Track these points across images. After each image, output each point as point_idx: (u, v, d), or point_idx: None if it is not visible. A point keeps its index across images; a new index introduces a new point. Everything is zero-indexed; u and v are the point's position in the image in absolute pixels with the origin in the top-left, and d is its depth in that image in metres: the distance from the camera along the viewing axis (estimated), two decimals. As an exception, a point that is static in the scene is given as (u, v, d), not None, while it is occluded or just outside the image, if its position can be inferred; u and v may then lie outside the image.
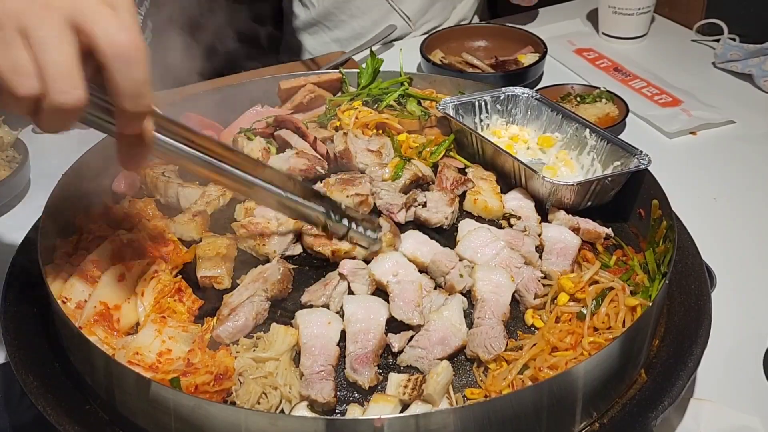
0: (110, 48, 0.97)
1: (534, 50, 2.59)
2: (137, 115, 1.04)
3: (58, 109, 0.96)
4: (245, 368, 1.27)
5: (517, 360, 1.29)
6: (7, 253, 1.54)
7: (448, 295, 1.43)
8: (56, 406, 1.23)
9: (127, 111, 1.02)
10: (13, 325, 1.38)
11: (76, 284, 1.41)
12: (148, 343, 1.30)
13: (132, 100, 1.01)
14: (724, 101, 2.37)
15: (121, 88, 0.99)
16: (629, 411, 1.25)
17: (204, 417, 1.11)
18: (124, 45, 0.97)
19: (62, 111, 0.97)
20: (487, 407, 1.13)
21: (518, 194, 1.69)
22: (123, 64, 0.98)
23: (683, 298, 1.44)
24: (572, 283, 1.43)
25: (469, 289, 1.44)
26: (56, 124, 1.00)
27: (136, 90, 1.00)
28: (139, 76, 1.00)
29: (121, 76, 0.98)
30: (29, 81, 0.95)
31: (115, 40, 0.97)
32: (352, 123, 1.90)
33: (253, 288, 1.40)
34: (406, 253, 1.51)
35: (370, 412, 1.19)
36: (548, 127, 1.86)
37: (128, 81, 0.99)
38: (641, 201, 1.62)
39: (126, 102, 1.01)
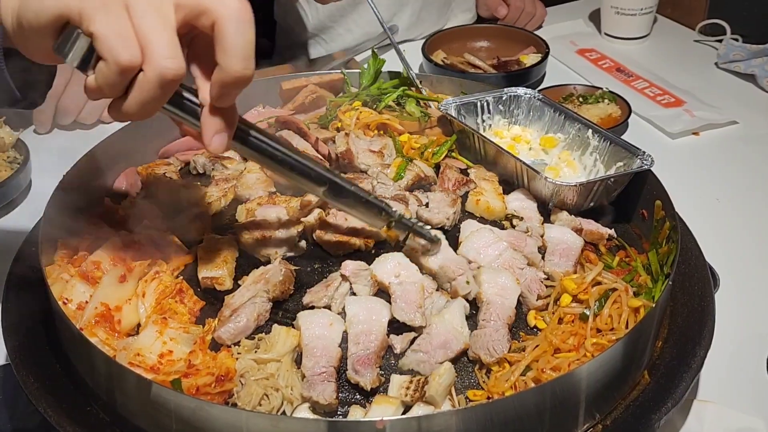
0: (223, 8, 1.00)
1: (536, 51, 2.58)
2: (242, 80, 1.05)
3: (158, 77, 0.98)
4: (246, 369, 1.26)
5: (520, 361, 1.28)
6: (8, 254, 1.53)
7: (450, 297, 1.42)
8: (57, 408, 1.23)
9: (236, 73, 1.03)
10: (14, 326, 1.37)
11: (77, 285, 1.41)
12: (149, 344, 1.30)
13: (243, 62, 1.02)
14: (727, 102, 2.37)
15: (234, 48, 1.01)
16: (632, 413, 1.24)
17: (205, 419, 1.11)
18: (237, 5, 1.01)
19: (161, 81, 0.99)
20: (489, 409, 1.12)
21: (521, 195, 1.69)
22: (237, 22, 1.00)
23: (686, 300, 1.44)
24: (575, 284, 1.42)
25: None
26: (147, 101, 1.01)
27: (247, 49, 1.02)
28: (251, 37, 1.02)
29: (235, 35, 1.01)
30: (132, 47, 0.97)
31: (228, 1, 1.01)
32: (353, 124, 1.90)
33: (255, 289, 1.39)
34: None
35: (372, 414, 1.19)
36: (551, 128, 1.86)
37: (242, 39, 1.01)
38: (644, 202, 1.61)
39: (237, 63, 1.02)
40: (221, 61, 1.03)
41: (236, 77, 1.04)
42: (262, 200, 1.65)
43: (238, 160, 1.82)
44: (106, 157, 1.72)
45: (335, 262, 1.52)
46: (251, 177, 1.70)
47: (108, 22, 0.97)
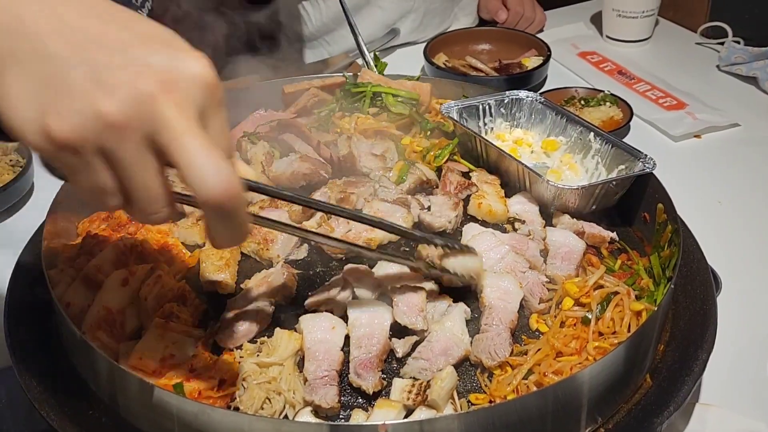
0: (204, 198, 0.85)
1: (538, 53, 2.58)
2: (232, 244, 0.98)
3: (145, 221, 0.97)
4: (249, 373, 1.26)
5: (522, 365, 1.29)
6: (11, 257, 1.53)
7: (452, 302, 1.42)
8: (59, 412, 1.23)
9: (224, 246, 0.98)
10: (17, 329, 1.37)
11: (80, 289, 1.41)
12: (152, 347, 1.29)
13: (230, 244, 0.97)
14: (729, 104, 2.37)
15: (217, 234, 0.93)
16: (635, 416, 1.24)
17: (207, 422, 1.11)
18: (218, 195, 0.85)
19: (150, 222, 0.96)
20: (491, 413, 1.12)
21: (522, 198, 1.69)
22: (219, 216, 0.89)
23: (688, 303, 1.44)
24: (577, 288, 1.42)
25: (475, 293, 1.43)
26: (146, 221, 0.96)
27: (233, 238, 0.94)
28: (236, 225, 0.91)
29: (218, 228, 0.92)
30: (114, 199, 0.89)
31: (208, 190, 0.84)
32: (353, 128, 1.90)
33: (257, 293, 1.40)
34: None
35: (374, 418, 1.19)
36: (552, 131, 1.86)
37: (224, 231, 0.92)
38: (646, 205, 1.61)
39: (224, 244, 0.96)
40: (210, 240, 0.96)
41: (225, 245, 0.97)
42: (265, 204, 1.65)
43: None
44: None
45: (337, 266, 1.52)
46: (253, 180, 1.70)
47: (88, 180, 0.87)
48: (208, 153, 0.84)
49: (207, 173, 0.84)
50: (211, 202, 0.85)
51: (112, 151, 0.84)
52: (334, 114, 1.97)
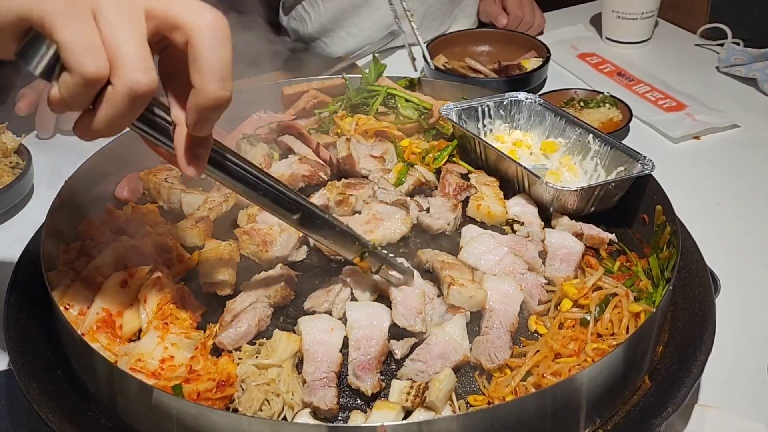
0: (198, 22, 0.93)
1: (537, 55, 2.59)
2: (220, 102, 0.97)
3: (128, 91, 0.91)
4: (248, 375, 1.27)
5: (521, 367, 1.29)
6: (10, 259, 1.54)
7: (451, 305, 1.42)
8: (58, 413, 1.23)
9: (212, 95, 0.95)
10: (16, 331, 1.38)
11: (79, 291, 1.41)
12: (151, 349, 1.30)
13: (219, 82, 0.95)
14: (728, 106, 2.37)
15: (209, 67, 0.94)
16: (633, 417, 1.25)
17: (206, 424, 1.11)
18: (213, 19, 0.93)
19: (133, 96, 0.91)
20: (490, 414, 1.12)
21: (521, 200, 1.69)
22: (213, 39, 0.93)
23: (687, 304, 1.44)
24: (576, 289, 1.42)
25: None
26: (116, 117, 0.94)
27: (224, 69, 0.95)
28: (228, 56, 0.95)
29: (211, 54, 0.93)
30: (98, 58, 0.89)
31: (203, 16, 0.93)
32: (353, 129, 1.90)
33: (256, 294, 1.40)
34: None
35: (373, 419, 1.19)
36: (551, 133, 1.86)
37: (218, 58, 0.94)
38: (645, 206, 1.62)
39: (212, 83, 0.94)
40: (197, 83, 0.95)
41: (213, 99, 0.96)
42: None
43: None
44: (107, 163, 1.73)
45: (336, 268, 1.52)
46: (253, 182, 1.70)
47: (73, 30, 0.89)
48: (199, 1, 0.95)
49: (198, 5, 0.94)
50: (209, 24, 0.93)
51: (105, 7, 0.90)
52: (336, 114, 1.97)
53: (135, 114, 0.96)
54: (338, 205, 1.64)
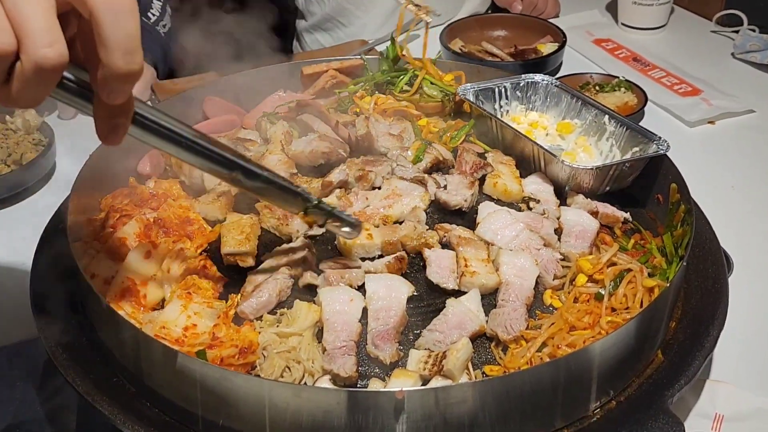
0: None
1: (553, 40, 2.60)
2: (127, 76, 0.93)
3: (36, 67, 0.87)
4: (269, 343, 1.30)
5: (536, 338, 1.31)
6: (35, 232, 1.57)
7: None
8: (84, 378, 1.26)
9: (119, 70, 0.91)
10: (43, 301, 1.41)
11: (104, 261, 1.44)
12: (174, 318, 1.32)
13: (125, 56, 0.91)
14: (743, 91, 2.38)
15: (112, 42, 0.90)
16: (646, 389, 1.27)
17: (229, 388, 1.14)
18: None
19: (40, 70, 0.87)
20: (505, 382, 1.15)
21: (537, 178, 1.71)
22: (115, 14, 0.89)
23: (700, 282, 1.45)
24: (590, 265, 1.44)
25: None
26: (30, 90, 0.90)
27: (129, 44, 0.90)
28: (132, 29, 0.90)
29: (112, 28, 0.89)
30: (3, 35, 0.86)
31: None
32: (372, 108, 1.93)
33: (277, 266, 1.42)
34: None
35: (391, 387, 1.21)
36: (567, 114, 1.88)
37: (120, 33, 0.89)
38: (659, 186, 1.63)
39: (118, 58, 0.90)
40: (102, 57, 0.91)
41: (120, 74, 0.92)
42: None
43: (260, 142, 1.85)
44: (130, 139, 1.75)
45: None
46: (273, 158, 1.73)
47: None
48: None
49: None
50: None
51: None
52: (355, 94, 1.99)
53: (49, 86, 0.93)
54: (358, 181, 1.67)
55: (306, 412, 1.12)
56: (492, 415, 1.14)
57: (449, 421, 1.12)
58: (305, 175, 1.73)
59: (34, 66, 0.87)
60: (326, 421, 1.12)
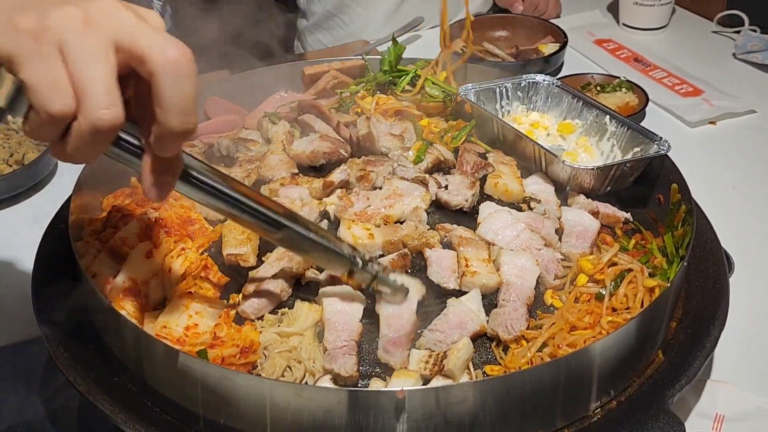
0: (161, 58, 0.91)
1: (554, 40, 2.60)
2: (182, 134, 0.96)
3: (92, 128, 0.90)
4: (270, 342, 1.30)
5: (537, 338, 1.31)
6: (37, 231, 1.57)
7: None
8: (86, 377, 1.26)
9: (173, 129, 0.95)
10: (44, 300, 1.41)
11: (105, 261, 1.44)
12: (175, 317, 1.33)
13: (181, 117, 0.94)
14: (745, 92, 2.38)
15: (170, 103, 0.93)
16: (646, 389, 1.27)
17: (230, 388, 1.14)
18: (176, 56, 0.92)
19: (96, 132, 0.91)
20: (506, 382, 1.15)
21: (538, 179, 1.71)
22: (175, 76, 0.92)
23: (701, 282, 1.45)
24: (591, 265, 1.45)
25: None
26: (85, 149, 0.93)
27: (185, 105, 0.94)
28: (190, 91, 0.94)
29: (172, 90, 0.93)
30: (64, 97, 0.89)
31: (166, 51, 0.92)
32: (373, 108, 1.93)
33: (278, 265, 1.42)
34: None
35: (392, 386, 1.22)
36: (568, 114, 1.88)
37: (179, 94, 0.93)
38: (660, 187, 1.63)
39: (174, 118, 0.94)
40: (159, 117, 0.94)
41: (174, 133, 0.95)
42: (285, 181, 1.69)
43: (261, 142, 1.86)
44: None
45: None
46: (274, 158, 1.73)
47: (39, 70, 0.88)
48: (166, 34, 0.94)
49: (164, 40, 0.92)
50: (171, 61, 0.91)
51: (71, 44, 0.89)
52: (357, 94, 1.99)
53: (103, 146, 0.96)
54: (359, 181, 1.67)
55: (307, 412, 1.12)
56: (493, 414, 1.14)
57: (450, 421, 1.13)
58: (306, 175, 1.73)
59: (90, 127, 0.90)
60: (327, 421, 1.12)
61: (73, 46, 0.89)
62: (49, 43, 0.88)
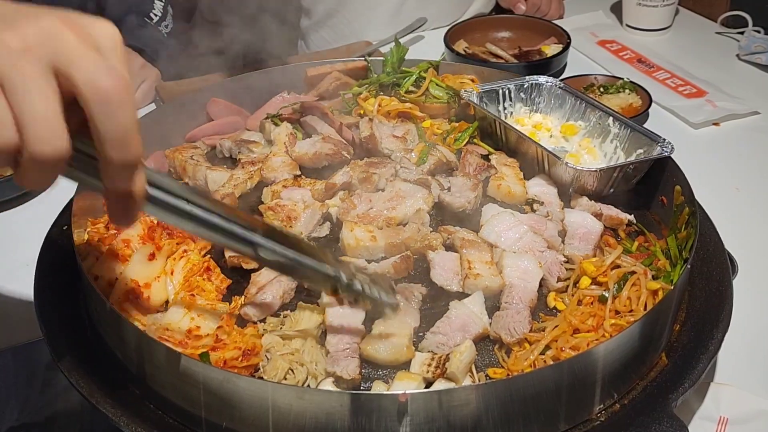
0: (91, 90, 0.86)
1: (557, 41, 2.60)
2: (124, 166, 0.91)
3: (37, 161, 0.85)
4: (272, 345, 1.30)
5: (540, 341, 1.31)
6: (40, 233, 1.57)
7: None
8: (88, 380, 1.26)
9: (112, 161, 0.89)
10: (47, 303, 1.41)
11: (107, 263, 1.44)
12: (178, 320, 1.33)
13: (117, 149, 0.89)
14: (748, 93, 2.37)
15: (104, 134, 0.88)
16: (650, 393, 1.26)
17: (232, 391, 1.14)
18: (107, 87, 0.86)
19: (42, 163, 0.86)
20: (508, 385, 1.15)
21: (541, 180, 1.70)
22: (105, 108, 0.87)
23: (705, 284, 1.45)
24: (594, 267, 1.44)
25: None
26: (37, 178, 0.89)
27: (121, 136, 0.88)
28: (125, 121, 0.88)
29: (104, 121, 0.87)
30: (4, 131, 0.84)
31: (96, 82, 0.86)
32: (375, 110, 1.93)
33: (281, 268, 1.42)
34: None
35: (395, 389, 1.21)
36: (571, 116, 1.87)
37: (112, 126, 0.88)
38: (664, 189, 1.63)
39: (111, 150, 0.89)
40: (98, 149, 0.89)
41: (116, 165, 0.90)
42: (288, 183, 1.69)
43: (263, 143, 1.86)
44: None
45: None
46: (277, 160, 1.73)
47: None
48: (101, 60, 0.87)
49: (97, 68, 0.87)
50: (102, 92, 0.86)
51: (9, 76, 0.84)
52: (360, 95, 1.99)
53: (51, 176, 0.91)
54: (361, 183, 1.67)
55: (309, 415, 1.12)
56: (495, 418, 1.14)
57: (452, 424, 1.12)
58: (309, 177, 1.73)
59: (33, 160, 0.85)
60: (329, 424, 1.12)
61: (9, 76, 0.84)
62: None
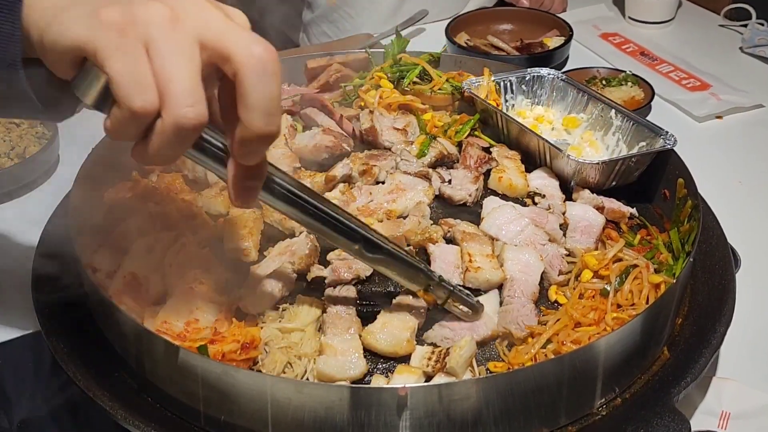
0: (247, 56, 0.90)
1: (559, 34, 2.58)
2: (264, 138, 0.94)
3: (175, 126, 0.89)
4: (271, 338, 1.29)
5: (541, 335, 1.30)
6: (38, 225, 1.57)
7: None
8: (85, 373, 1.25)
9: (257, 130, 0.92)
10: (44, 295, 1.40)
11: (106, 255, 1.43)
12: (176, 312, 1.31)
13: (265, 117, 0.92)
14: (752, 86, 2.35)
15: (254, 102, 0.91)
16: (651, 387, 1.26)
17: (231, 384, 1.13)
18: (262, 54, 0.91)
19: (179, 130, 0.89)
20: (509, 379, 1.14)
21: (543, 173, 1.70)
22: (260, 74, 0.90)
23: (707, 278, 1.44)
24: (596, 260, 1.43)
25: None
26: (167, 149, 0.92)
27: (270, 106, 0.92)
28: (275, 90, 0.92)
29: (256, 89, 0.91)
30: (148, 93, 0.88)
31: (252, 49, 0.90)
32: (377, 102, 1.91)
33: (280, 260, 1.42)
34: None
35: (394, 383, 1.20)
36: (573, 108, 1.86)
37: (264, 93, 0.91)
38: (666, 182, 1.62)
39: (258, 118, 0.92)
40: (242, 117, 0.92)
41: (258, 135, 0.93)
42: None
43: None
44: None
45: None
46: (276, 152, 1.72)
47: (124, 64, 0.87)
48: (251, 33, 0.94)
49: (250, 38, 0.92)
50: (257, 58, 0.90)
51: (158, 41, 0.88)
52: (361, 87, 1.98)
53: (185, 146, 0.95)
54: (362, 175, 1.66)
55: (308, 408, 1.11)
56: (496, 412, 1.13)
57: (453, 418, 1.12)
58: (309, 170, 1.72)
59: (174, 125, 0.89)
60: (328, 418, 1.11)
61: (158, 42, 0.88)
62: (134, 38, 0.88)
